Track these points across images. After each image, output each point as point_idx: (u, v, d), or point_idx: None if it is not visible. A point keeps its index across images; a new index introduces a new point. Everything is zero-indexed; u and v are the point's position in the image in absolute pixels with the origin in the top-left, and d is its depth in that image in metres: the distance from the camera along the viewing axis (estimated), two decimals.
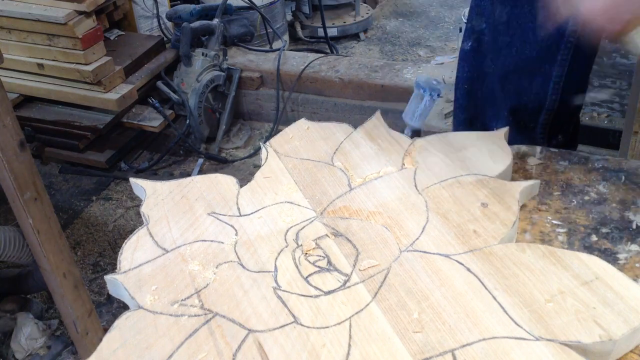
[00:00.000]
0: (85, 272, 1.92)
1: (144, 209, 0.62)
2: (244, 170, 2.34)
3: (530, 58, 0.90)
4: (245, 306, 0.50)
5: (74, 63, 2.18)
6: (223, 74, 2.43)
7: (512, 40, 0.89)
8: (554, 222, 0.59)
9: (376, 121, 0.73)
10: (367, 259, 0.54)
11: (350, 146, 0.69)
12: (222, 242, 0.57)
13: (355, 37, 3.26)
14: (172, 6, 2.67)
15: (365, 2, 3.43)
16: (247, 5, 2.68)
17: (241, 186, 0.65)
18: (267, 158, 0.69)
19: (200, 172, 2.34)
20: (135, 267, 0.55)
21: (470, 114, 1.00)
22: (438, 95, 1.70)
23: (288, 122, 2.13)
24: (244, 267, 0.54)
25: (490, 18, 0.91)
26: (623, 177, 0.63)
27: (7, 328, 1.67)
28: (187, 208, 0.62)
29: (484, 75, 0.97)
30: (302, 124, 0.75)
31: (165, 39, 2.57)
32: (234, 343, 0.47)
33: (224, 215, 0.61)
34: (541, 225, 0.59)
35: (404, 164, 0.65)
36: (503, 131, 0.68)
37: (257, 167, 0.68)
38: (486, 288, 0.50)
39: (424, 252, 0.54)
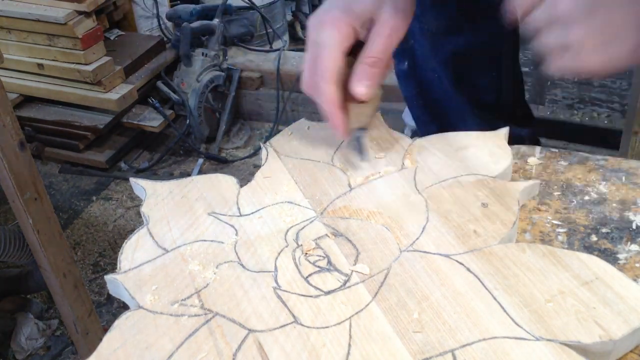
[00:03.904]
0: (85, 272, 1.92)
1: (144, 209, 0.62)
2: (244, 170, 2.33)
3: (479, 57, 0.94)
4: (245, 306, 0.50)
5: (74, 63, 2.18)
6: (223, 74, 2.43)
7: (457, 45, 0.93)
8: (554, 222, 0.59)
9: (376, 121, 0.73)
10: (359, 264, 0.54)
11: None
12: (222, 242, 0.57)
13: None
14: (172, 6, 2.67)
15: None
16: (247, 5, 2.67)
17: (241, 186, 0.65)
18: (267, 158, 0.69)
19: (200, 172, 2.34)
20: (135, 267, 0.55)
21: (437, 126, 1.01)
22: None
23: (288, 122, 2.13)
24: (244, 267, 0.54)
25: (418, 35, 0.93)
26: (623, 177, 0.63)
27: (7, 328, 1.67)
28: (187, 208, 0.62)
29: (431, 86, 0.98)
30: (302, 123, 0.75)
31: (165, 39, 2.57)
32: (234, 343, 0.47)
33: (224, 215, 0.61)
34: (541, 225, 0.59)
35: (403, 164, 0.65)
36: (503, 131, 0.68)
37: (257, 167, 0.68)
38: (486, 288, 0.50)
39: (424, 252, 0.54)
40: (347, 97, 0.63)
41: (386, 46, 0.62)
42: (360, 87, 0.61)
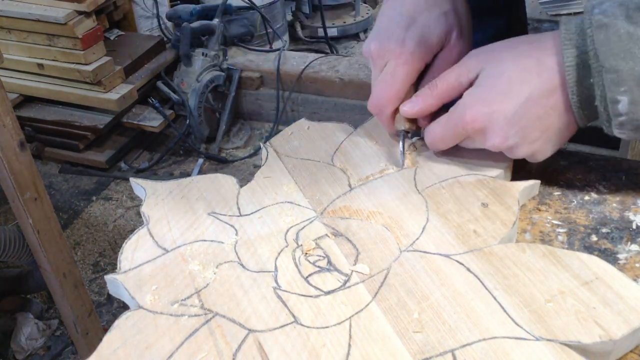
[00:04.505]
0: (85, 272, 1.92)
1: (144, 209, 0.62)
2: (244, 170, 2.34)
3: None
4: (245, 306, 0.50)
5: (74, 63, 2.18)
6: (223, 74, 2.43)
7: None
8: (554, 222, 0.59)
9: (376, 121, 0.73)
10: (359, 264, 0.54)
11: (350, 146, 0.69)
12: (222, 242, 0.57)
13: (355, 37, 3.26)
14: (172, 6, 2.67)
15: (365, 2, 3.44)
16: (247, 5, 2.68)
17: (241, 186, 0.65)
18: (267, 158, 0.69)
19: (200, 172, 2.34)
20: (136, 267, 0.55)
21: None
22: None
23: (288, 122, 2.12)
24: (244, 267, 0.54)
25: None
26: (623, 177, 0.63)
27: (7, 328, 1.67)
28: (187, 208, 0.62)
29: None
30: (302, 123, 0.75)
31: (165, 39, 2.57)
32: (234, 343, 0.47)
33: (224, 215, 0.61)
34: (541, 225, 0.59)
35: (404, 164, 0.65)
36: None
37: (257, 167, 0.68)
38: (486, 288, 0.50)
39: (424, 252, 0.54)
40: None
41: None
42: (407, 108, 0.64)
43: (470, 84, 0.60)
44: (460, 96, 0.61)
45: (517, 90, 0.56)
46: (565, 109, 0.56)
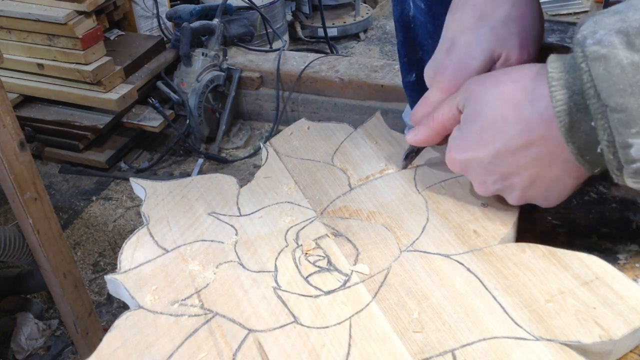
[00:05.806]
0: (85, 272, 1.92)
1: (144, 209, 0.63)
2: (244, 170, 2.33)
3: None
4: (245, 306, 0.50)
5: (74, 63, 2.18)
6: (223, 74, 2.43)
7: None
8: (554, 222, 0.59)
9: (376, 121, 0.73)
10: (359, 264, 0.54)
11: (350, 146, 0.69)
12: (222, 242, 0.57)
13: (355, 37, 3.26)
14: (172, 6, 2.67)
15: (365, 2, 3.44)
16: (247, 5, 2.68)
17: (241, 186, 0.65)
18: (267, 158, 0.69)
19: (200, 172, 2.34)
20: (136, 267, 0.55)
21: None
22: None
23: (288, 122, 2.11)
24: (244, 267, 0.54)
25: (428, 47, 0.87)
26: None
27: (7, 328, 1.67)
28: (187, 208, 0.62)
29: None
30: (302, 123, 0.75)
31: (165, 39, 2.57)
32: (234, 343, 0.47)
33: (224, 215, 0.61)
34: (541, 225, 0.59)
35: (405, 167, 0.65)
36: None
37: (257, 167, 0.68)
38: (486, 288, 0.50)
39: (424, 252, 0.54)
40: None
41: None
42: (410, 137, 0.63)
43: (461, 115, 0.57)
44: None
45: (491, 139, 0.52)
46: (557, 158, 0.50)
